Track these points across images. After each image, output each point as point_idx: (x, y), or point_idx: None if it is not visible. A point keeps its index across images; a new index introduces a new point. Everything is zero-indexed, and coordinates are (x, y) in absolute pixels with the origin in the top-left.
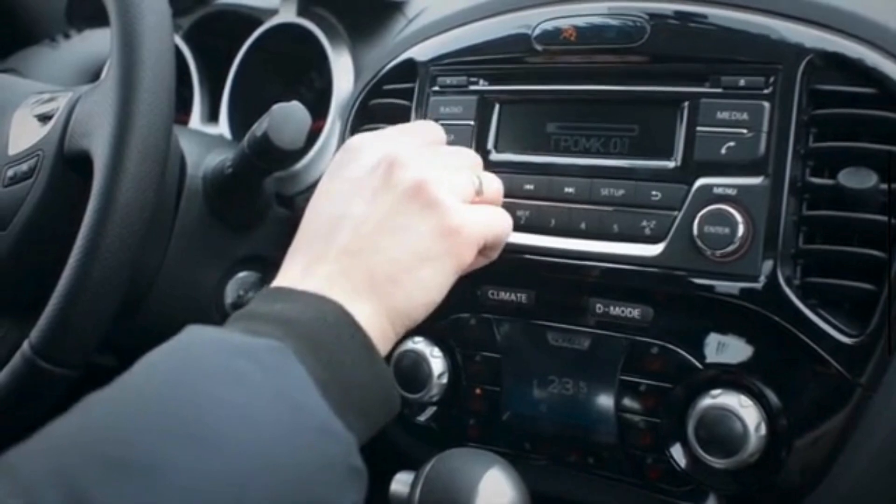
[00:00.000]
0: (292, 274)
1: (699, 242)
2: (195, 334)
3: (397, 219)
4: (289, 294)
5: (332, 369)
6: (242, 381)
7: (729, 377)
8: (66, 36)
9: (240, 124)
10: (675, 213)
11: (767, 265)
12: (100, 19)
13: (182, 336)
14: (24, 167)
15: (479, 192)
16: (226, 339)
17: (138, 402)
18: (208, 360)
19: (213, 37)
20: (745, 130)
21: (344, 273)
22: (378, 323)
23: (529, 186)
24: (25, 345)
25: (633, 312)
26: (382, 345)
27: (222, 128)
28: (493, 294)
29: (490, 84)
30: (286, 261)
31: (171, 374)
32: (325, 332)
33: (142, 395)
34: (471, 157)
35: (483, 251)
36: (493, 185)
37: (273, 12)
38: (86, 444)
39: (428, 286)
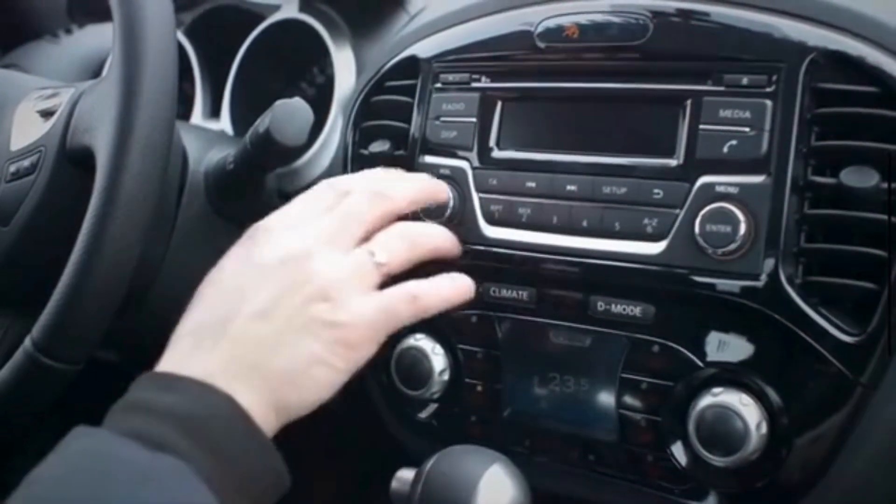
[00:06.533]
0: (179, 356)
1: (701, 241)
2: (90, 454)
3: (297, 319)
4: (177, 382)
5: (225, 468)
6: None
7: (730, 375)
8: (68, 31)
9: (242, 120)
10: (677, 211)
11: (769, 264)
12: (101, 14)
13: (76, 457)
14: (27, 163)
15: (380, 266)
16: (127, 462)
17: None
18: (113, 489)
19: (216, 32)
20: (747, 129)
21: (235, 361)
22: (264, 414)
23: (531, 184)
24: (27, 341)
25: (635, 310)
26: (266, 432)
27: (224, 124)
28: (494, 291)
29: (492, 81)
30: (174, 340)
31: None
32: (218, 428)
33: None
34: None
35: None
36: (393, 247)
37: (275, 8)
38: None
39: (320, 386)
